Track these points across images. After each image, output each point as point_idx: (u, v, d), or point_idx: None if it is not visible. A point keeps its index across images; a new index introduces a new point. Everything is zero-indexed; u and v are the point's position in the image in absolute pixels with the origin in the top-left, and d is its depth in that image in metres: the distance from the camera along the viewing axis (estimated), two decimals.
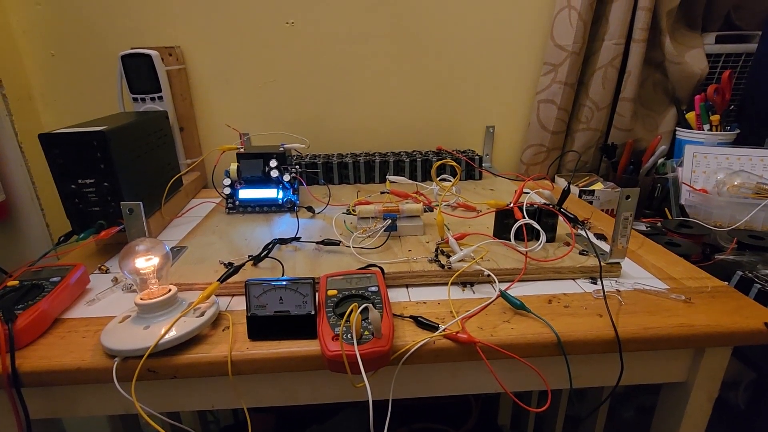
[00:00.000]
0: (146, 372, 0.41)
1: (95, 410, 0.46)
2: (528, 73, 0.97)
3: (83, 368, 0.42)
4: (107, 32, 0.89)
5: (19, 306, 0.46)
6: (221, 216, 0.76)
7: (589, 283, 0.54)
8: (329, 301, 0.45)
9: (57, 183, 0.59)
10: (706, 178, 0.84)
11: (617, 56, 0.90)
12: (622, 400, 1.13)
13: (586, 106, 0.95)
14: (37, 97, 0.92)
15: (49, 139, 0.57)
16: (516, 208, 0.60)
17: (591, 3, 0.86)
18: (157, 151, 0.75)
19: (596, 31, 0.91)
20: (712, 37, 0.94)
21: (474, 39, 0.94)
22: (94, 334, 0.45)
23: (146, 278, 0.46)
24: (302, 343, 0.43)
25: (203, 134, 0.98)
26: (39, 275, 0.51)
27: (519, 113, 1.01)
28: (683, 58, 0.92)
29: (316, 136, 0.96)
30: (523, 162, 1.01)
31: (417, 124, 1.00)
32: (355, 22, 0.91)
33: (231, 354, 0.42)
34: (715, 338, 0.45)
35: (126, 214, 0.52)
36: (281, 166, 0.75)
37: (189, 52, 0.91)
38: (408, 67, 0.96)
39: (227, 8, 0.89)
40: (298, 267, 0.56)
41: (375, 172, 0.92)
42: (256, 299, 0.44)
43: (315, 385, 0.47)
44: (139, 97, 0.83)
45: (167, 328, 0.42)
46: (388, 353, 0.41)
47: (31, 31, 0.88)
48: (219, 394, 0.46)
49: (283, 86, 0.95)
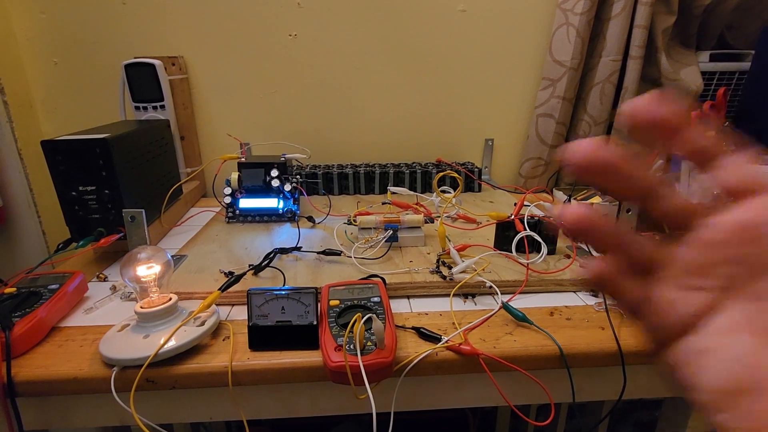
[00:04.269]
0: (145, 382, 0.40)
1: (91, 421, 0.45)
2: (527, 88, 0.99)
3: (80, 378, 0.41)
4: (110, 41, 0.89)
5: (16, 314, 0.45)
6: (221, 225, 0.75)
7: (590, 295, 0.54)
8: (331, 312, 0.45)
9: (58, 190, 0.59)
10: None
11: (614, 72, 0.92)
12: (621, 417, 1.12)
13: (584, 121, 0.96)
14: (38, 104, 0.92)
15: (52, 146, 0.57)
16: (517, 220, 0.60)
17: (589, 20, 0.88)
18: (158, 160, 0.75)
19: (594, 47, 0.93)
20: (707, 55, 0.96)
21: (474, 54, 0.96)
22: (92, 343, 0.45)
23: (147, 286, 0.45)
24: (304, 354, 0.43)
25: (204, 143, 0.98)
26: (36, 283, 0.51)
27: (518, 127, 1.02)
28: (679, 75, 0.94)
29: (317, 146, 0.97)
30: (522, 175, 1.02)
31: (417, 136, 1.01)
32: (357, 35, 0.93)
33: (231, 364, 0.42)
34: None
35: (128, 222, 0.52)
36: (282, 176, 0.75)
37: (192, 61, 0.92)
38: (408, 80, 0.97)
39: (231, 19, 0.90)
40: (299, 277, 0.56)
41: (375, 183, 0.93)
42: (257, 308, 0.44)
43: (316, 397, 0.46)
44: (141, 106, 0.83)
45: (167, 338, 0.42)
46: (391, 364, 0.40)
47: (34, 39, 0.88)
48: (218, 406, 0.46)
49: (285, 97, 0.96)
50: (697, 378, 0.18)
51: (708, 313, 0.19)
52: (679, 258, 0.20)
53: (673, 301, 0.20)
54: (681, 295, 0.19)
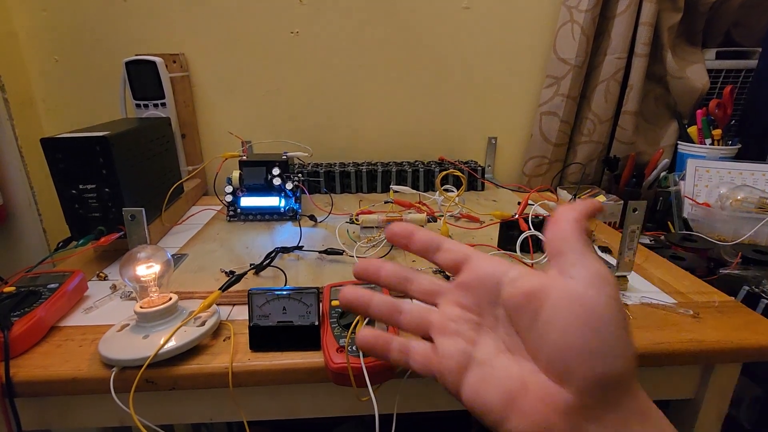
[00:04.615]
0: (144, 383, 0.40)
1: (90, 422, 0.45)
2: (530, 86, 0.98)
3: (80, 378, 0.40)
4: (111, 39, 0.89)
5: (15, 313, 0.45)
6: (222, 224, 0.75)
7: None
8: (333, 312, 0.45)
9: (58, 188, 0.58)
10: (708, 192, 0.84)
11: (619, 70, 0.91)
12: None
13: (588, 119, 0.95)
14: (39, 102, 0.92)
15: (52, 144, 0.56)
16: (521, 220, 0.59)
17: (594, 18, 0.87)
18: (159, 158, 0.75)
19: (599, 45, 0.92)
20: (713, 52, 0.95)
21: (477, 51, 0.95)
22: (91, 343, 0.44)
23: (147, 286, 0.45)
24: (305, 355, 0.42)
25: (205, 141, 0.97)
26: (36, 282, 0.50)
27: (521, 125, 1.01)
28: (684, 72, 0.93)
29: (319, 144, 0.96)
30: (525, 173, 1.01)
31: (419, 134, 1.01)
32: (360, 32, 0.92)
33: (232, 365, 0.41)
34: (726, 354, 0.45)
35: (128, 221, 0.52)
36: (284, 174, 0.75)
37: (193, 59, 0.91)
38: (411, 77, 0.96)
39: (232, 16, 0.89)
40: (301, 276, 0.56)
41: (377, 181, 0.92)
42: (258, 309, 0.43)
43: (317, 398, 0.46)
44: (142, 104, 0.83)
45: (167, 338, 0.41)
46: (394, 366, 0.40)
47: (35, 36, 0.88)
48: (218, 407, 0.45)
49: (286, 95, 0.95)
50: (485, 401, 0.24)
51: (472, 349, 0.26)
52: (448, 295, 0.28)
53: (444, 347, 0.26)
54: (448, 341, 0.26)
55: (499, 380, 0.24)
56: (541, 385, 0.23)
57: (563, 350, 0.22)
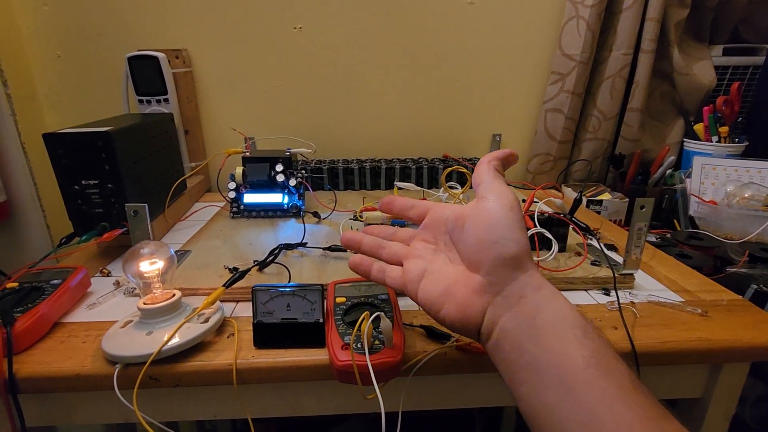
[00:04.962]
0: (148, 380, 0.40)
1: (94, 419, 0.45)
2: (535, 82, 0.97)
3: (83, 375, 0.40)
4: (114, 34, 0.88)
5: (18, 309, 0.44)
6: (225, 220, 0.75)
7: (602, 294, 0.53)
8: (338, 309, 0.44)
9: (60, 184, 0.58)
10: (715, 189, 0.84)
11: (625, 66, 0.90)
12: None
13: (593, 116, 0.94)
14: (42, 97, 0.92)
15: (54, 139, 0.56)
16: (527, 217, 0.58)
17: (599, 13, 0.86)
18: (162, 154, 0.74)
19: (604, 41, 0.91)
20: (720, 49, 0.94)
21: (481, 47, 0.94)
22: (95, 340, 0.44)
23: (150, 282, 0.44)
24: (310, 352, 0.42)
25: (208, 137, 0.97)
26: (39, 277, 0.50)
27: (526, 122, 1.00)
28: (691, 69, 0.92)
29: (322, 141, 0.95)
30: (530, 171, 1.01)
31: (423, 131, 1.00)
32: (364, 28, 0.91)
33: (236, 362, 0.41)
34: (735, 353, 0.44)
35: (131, 216, 0.51)
36: (287, 171, 0.74)
37: (196, 55, 0.91)
38: (415, 74, 0.95)
39: (235, 12, 0.89)
40: (305, 273, 0.55)
41: (381, 178, 0.91)
42: (262, 305, 0.43)
43: (321, 396, 0.46)
44: (144, 99, 0.82)
45: (171, 335, 0.41)
46: (400, 364, 0.39)
47: (37, 31, 0.87)
48: (222, 404, 0.45)
49: (290, 91, 0.95)
50: (430, 296, 0.35)
51: (428, 265, 0.36)
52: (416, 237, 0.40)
53: (409, 267, 0.37)
54: (413, 262, 0.37)
55: (440, 280, 0.35)
56: (465, 277, 0.33)
57: (475, 245, 0.33)
